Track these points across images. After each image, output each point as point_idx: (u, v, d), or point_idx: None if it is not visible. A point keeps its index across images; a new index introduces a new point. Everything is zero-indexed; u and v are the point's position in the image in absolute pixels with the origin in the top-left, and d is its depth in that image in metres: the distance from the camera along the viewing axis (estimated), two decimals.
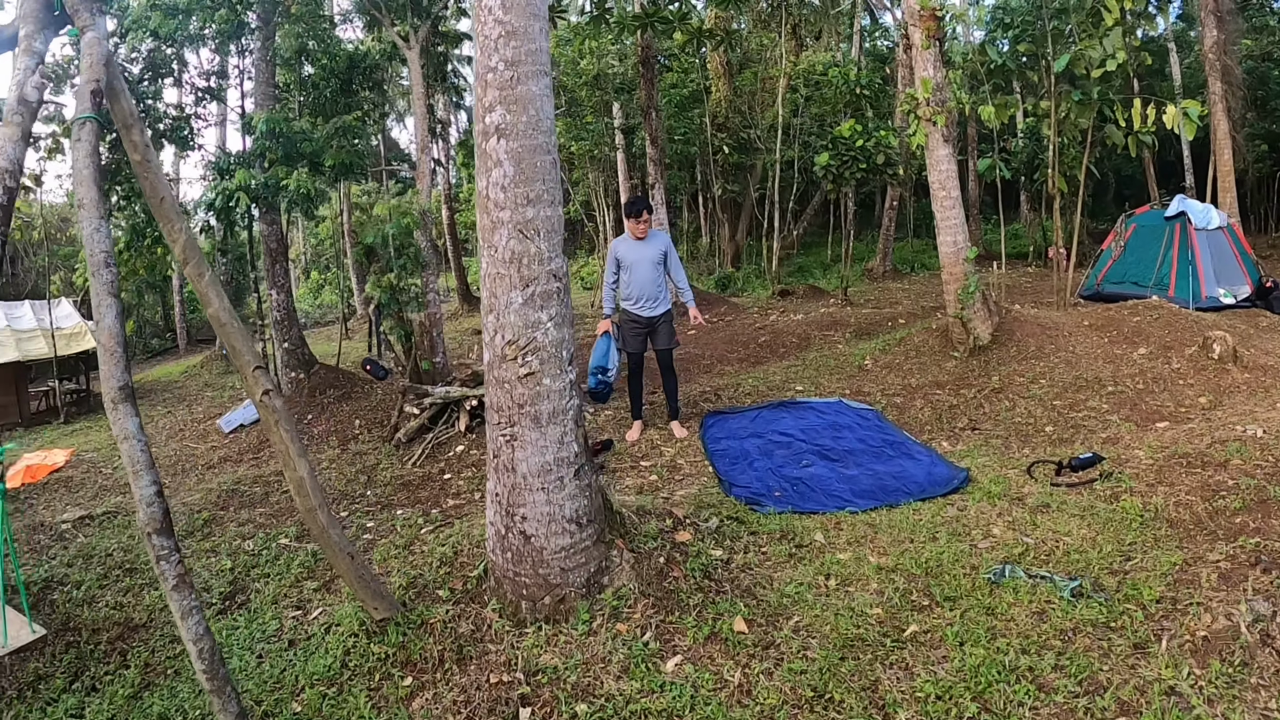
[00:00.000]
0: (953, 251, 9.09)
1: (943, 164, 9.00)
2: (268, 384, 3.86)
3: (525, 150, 3.97)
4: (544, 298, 4.02)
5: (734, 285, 20.96)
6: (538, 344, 4.01)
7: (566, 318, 4.16)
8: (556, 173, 4.15)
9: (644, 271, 7.45)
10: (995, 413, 7.53)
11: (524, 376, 4.02)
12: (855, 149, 13.86)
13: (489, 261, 4.07)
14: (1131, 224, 13.51)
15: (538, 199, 4.00)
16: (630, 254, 7.47)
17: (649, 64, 15.15)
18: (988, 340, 9.02)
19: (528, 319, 4.00)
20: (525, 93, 3.98)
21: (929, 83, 8.87)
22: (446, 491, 7.02)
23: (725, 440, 7.11)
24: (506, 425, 4.11)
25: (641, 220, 7.44)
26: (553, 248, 4.06)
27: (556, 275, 4.08)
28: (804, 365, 9.91)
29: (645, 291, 7.49)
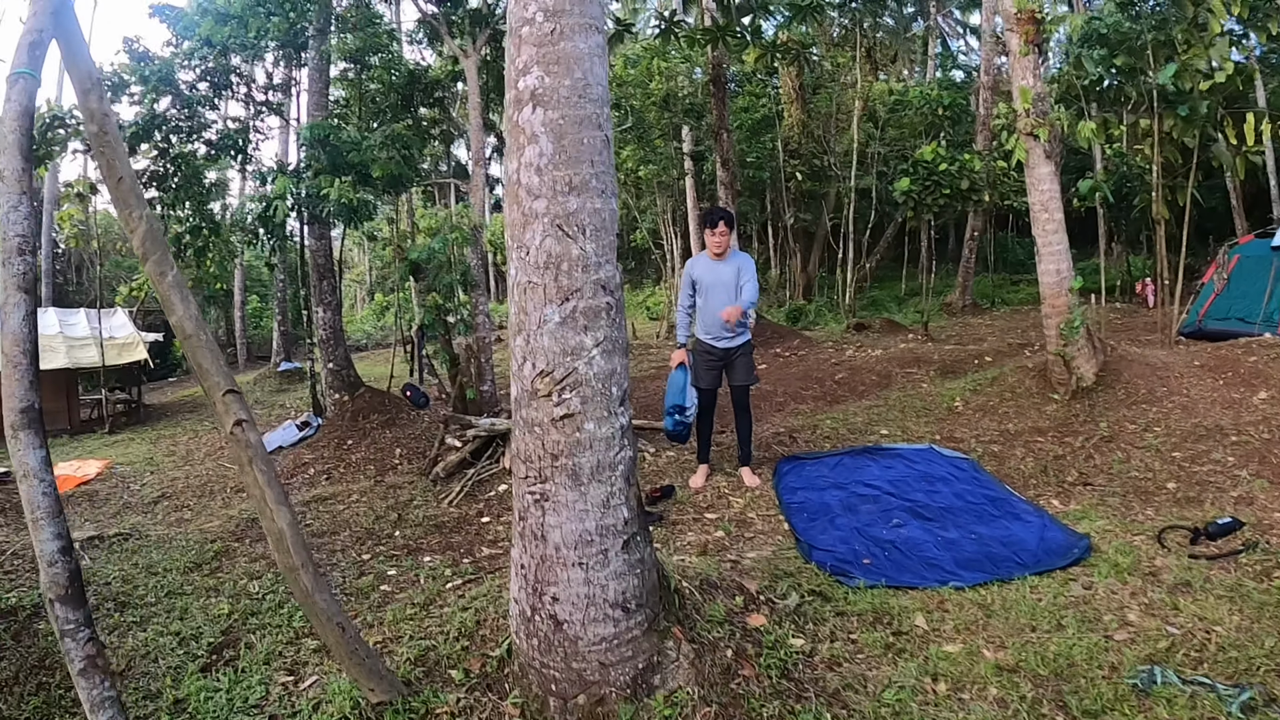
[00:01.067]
0: (1055, 281, 8.20)
1: (1045, 183, 8.14)
2: (240, 413, 3.16)
3: (569, 122, 3.22)
4: (589, 316, 3.24)
5: (806, 318, 20.12)
6: (579, 376, 3.23)
7: (619, 343, 3.37)
8: (610, 155, 3.38)
9: (721, 296, 6.59)
10: (1108, 465, 6.63)
11: (560, 419, 3.24)
12: (938, 174, 13.02)
13: (518, 267, 3.32)
14: (1235, 255, 12.45)
15: (583, 186, 3.23)
16: (707, 275, 6.65)
17: (720, 83, 14.51)
18: (1092, 381, 8.12)
19: (566, 343, 3.22)
20: (570, 50, 3.23)
21: (1028, 92, 8.03)
22: (483, 538, 6.32)
23: (802, 491, 6.32)
24: (536, 481, 3.33)
25: (718, 231, 6.54)
26: (601, 250, 3.28)
27: (606, 287, 3.29)
28: (886, 406, 9.06)
29: (722, 321, 6.67)
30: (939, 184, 13.01)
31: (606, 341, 3.29)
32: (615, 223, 3.35)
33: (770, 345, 14.52)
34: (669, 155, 19.32)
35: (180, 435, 13.68)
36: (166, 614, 4.97)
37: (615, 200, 3.37)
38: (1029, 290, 23.12)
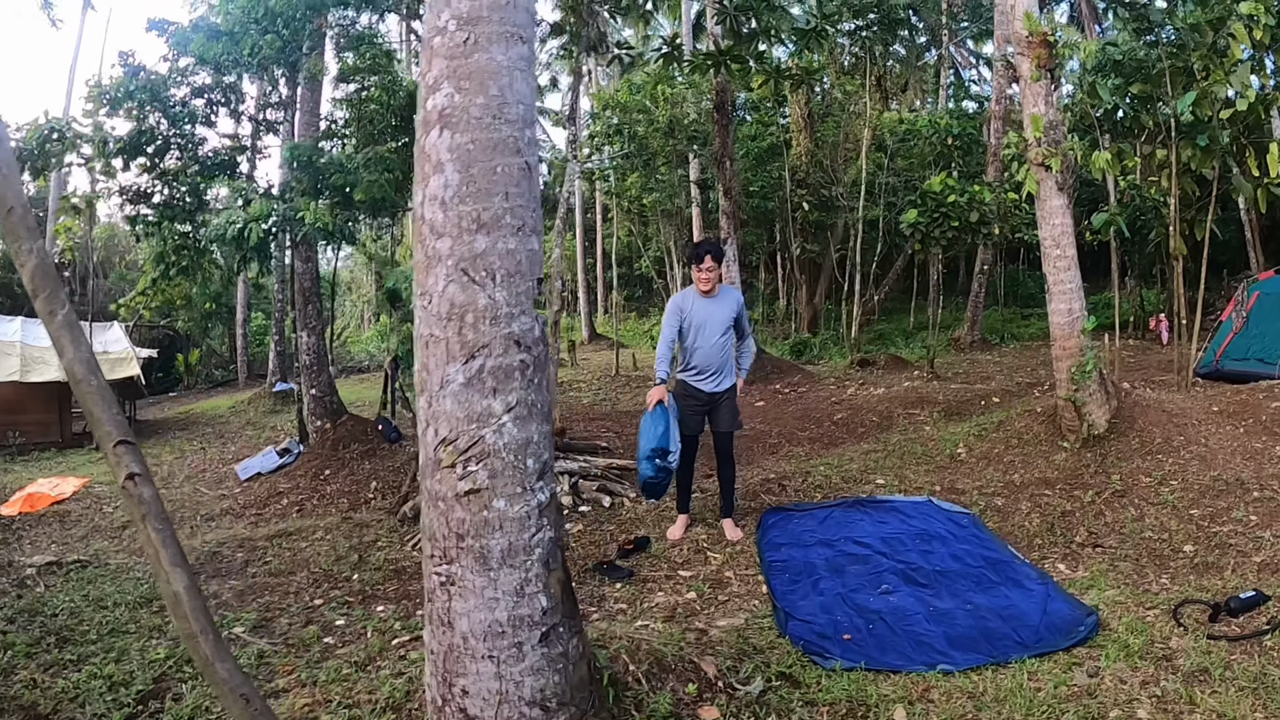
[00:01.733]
0: (1066, 321, 7.71)
1: (1056, 216, 7.66)
2: (133, 466, 2.70)
3: (479, 148, 2.80)
4: (498, 376, 2.81)
5: (810, 351, 19.65)
6: (487, 446, 2.79)
7: (538, 408, 2.93)
8: (531, 187, 2.95)
9: (710, 336, 6.13)
10: (1119, 524, 6.12)
11: (465, 494, 2.80)
12: (946, 205, 12.57)
13: (421, 318, 2.89)
14: (1254, 292, 11.93)
15: (494, 222, 2.81)
16: (696, 313, 6.16)
17: (724, 109, 14.12)
18: (1104, 429, 7.60)
19: (472, 408, 2.79)
20: (485, 63, 2.81)
21: (1040, 120, 7.57)
22: None
23: (787, 548, 5.81)
24: (442, 561, 2.89)
25: (704, 267, 6.04)
26: (515, 299, 2.84)
27: (521, 342, 2.85)
28: (885, 450, 8.55)
29: (710, 361, 6.19)
30: (948, 216, 12.55)
31: (521, 406, 2.84)
32: (538, 266, 2.90)
33: (770, 381, 14.04)
34: (673, 183, 18.93)
35: (166, 454, 13.37)
36: (104, 654, 4.62)
37: (538, 239, 2.93)
38: (1039, 325, 22.53)
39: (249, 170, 12.06)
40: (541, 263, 2.92)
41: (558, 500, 3.12)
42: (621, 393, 15.80)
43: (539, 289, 2.89)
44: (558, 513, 3.05)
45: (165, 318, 26.19)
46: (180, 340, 28.51)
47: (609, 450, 9.43)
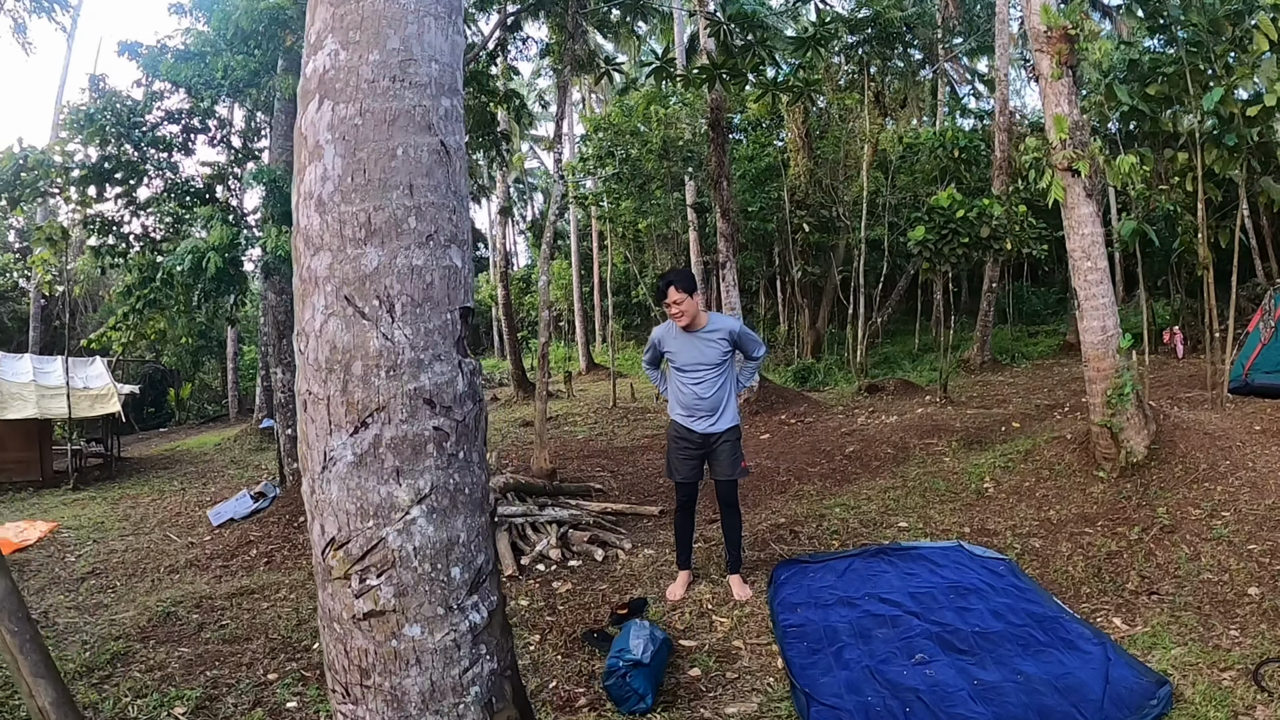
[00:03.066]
0: (1101, 340, 7.03)
1: (1086, 225, 7.00)
2: None
3: (371, 123, 2.10)
4: (403, 452, 2.08)
5: (814, 378, 18.94)
6: (390, 553, 2.06)
7: (465, 495, 2.21)
8: (451, 177, 2.24)
9: (695, 374, 5.47)
10: (1173, 565, 5.43)
11: (364, 617, 2.07)
12: (955, 221, 11.92)
13: (298, 368, 2.21)
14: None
15: (392, 228, 2.10)
16: (677, 349, 5.51)
17: (719, 127, 13.51)
18: (1143, 455, 6.94)
19: (366, 498, 2.06)
20: (382, 8, 2.09)
21: (1064, 120, 6.94)
22: None
23: (804, 609, 5.11)
24: (345, 700, 2.15)
25: (669, 301, 5.34)
26: (426, 340, 2.13)
27: (437, 402, 2.14)
28: (905, 487, 7.84)
29: (699, 401, 5.48)
30: (956, 232, 11.90)
31: (438, 494, 2.11)
32: (461, 290, 2.19)
33: (775, 411, 13.34)
34: (668, 207, 18.32)
35: (144, 495, 12.73)
36: None
37: (462, 253, 2.22)
38: (1049, 343, 22.00)
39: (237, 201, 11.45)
40: (468, 286, 2.20)
41: (503, 616, 2.38)
42: (619, 426, 15.09)
43: (464, 324, 2.17)
44: (504, 633, 2.32)
45: (153, 352, 25.64)
46: (170, 375, 27.93)
47: (603, 492, 8.74)
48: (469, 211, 2.30)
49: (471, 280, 2.23)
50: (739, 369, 5.75)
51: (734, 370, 5.62)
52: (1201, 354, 16.67)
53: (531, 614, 5.58)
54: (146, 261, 11.11)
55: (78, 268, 19.60)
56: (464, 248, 2.25)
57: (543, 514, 7.05)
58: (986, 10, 25.39)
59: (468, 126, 13.13)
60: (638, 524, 7.71)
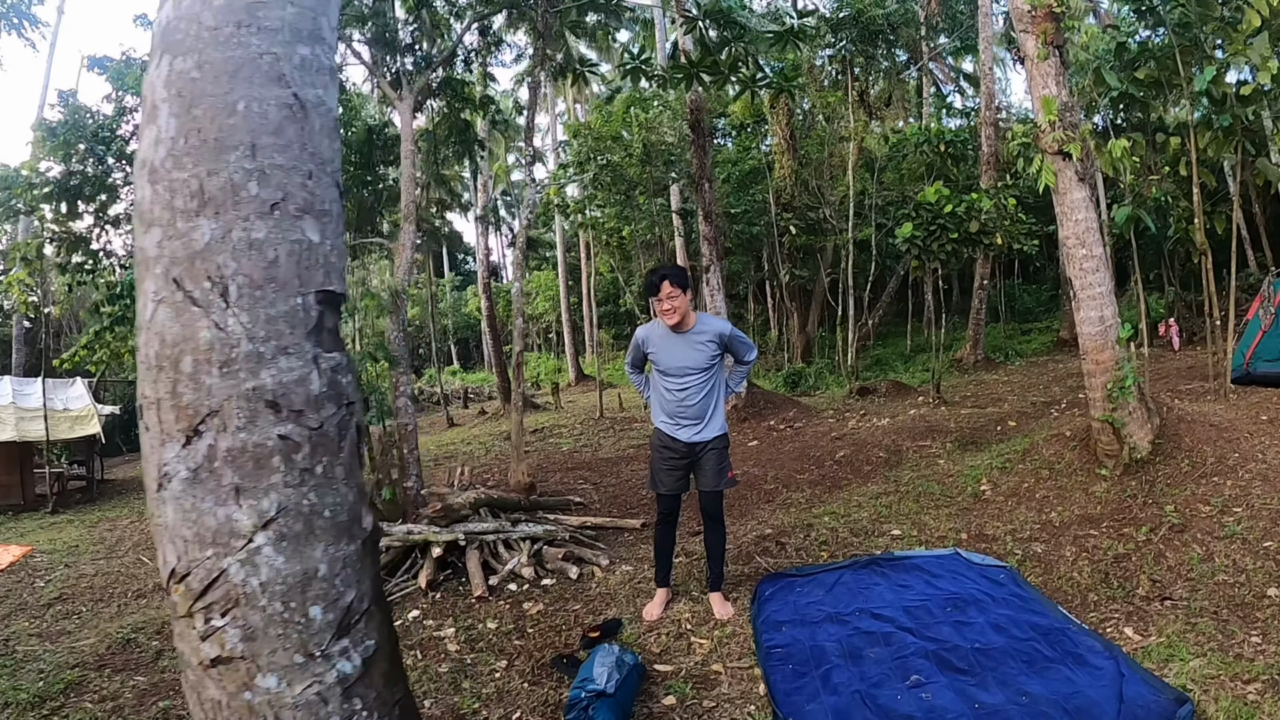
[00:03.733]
0: (1099, 331, 6.65)
1: (1080, 211, 6.63)
2: None
3: (210, 75, 1.76)
4: (242, 466, 1.71)
5: (805, 382, 18.58)
6: (233, 588, 1.69)
7: (326, 519, 1.84)
8: (308, 139, 1.90)
9: (681, 378, 5.07)
10: (1185, 566, 5.07)
11: (213, 664, 1.70)
12: (943, 216, 11.58)
13: (141, 365, 1.81)
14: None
15: (228, 196, 1.75)
16: (662, 351, 5.11)
17: (699, 128, 13.16)
18: (1147, 451, 6.57)
19: (203, 521, 1.70)
20: None
21: (1052, 102, 6.57)
22: None
23: (789, 627, 4.71)
24: None
25: (663, 295, 4.92)
26: (269, 329, 1.77)
27: (283, 405, 1.77)
28: (898, 492, 7.46)
29: (685, 407, 5.09)
30: (945, 228, 11.56)
31: (289, 516, 1.72)
32: (319, 269, 1.82)
33: (764, 417, 12.96)
34: (652, 213, 17.96)
35: (123, 518, 12.35)
36: None
37: (321, 227, 1.86)
38: (1042, 339, 21.73)
39: None
40: (331, 266, 1.82)
41: (389, 663, 1.97)
42: (604, 437, 14.71)
43: (329, 312, 1.79)
44: (390, 683, 1.92)
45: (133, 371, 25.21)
46: None
47: (583, 505, 8.35)
48: (336, 178, 1.93)
49: (337, 260, 1.85)
50: (728, 373, 5.38)
51: (722, 375, 5.25)
52: (1198, 346, 16.45)
53: (499, 638, 5.21)
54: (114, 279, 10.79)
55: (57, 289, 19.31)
56: (325, 220, 1.89)
57: (516, 530, 6.67)
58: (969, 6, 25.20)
59: (442, 134, 12.76)
60: (618, 538, 7.33)
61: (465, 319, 43.15)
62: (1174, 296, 18.45)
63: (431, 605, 5.94)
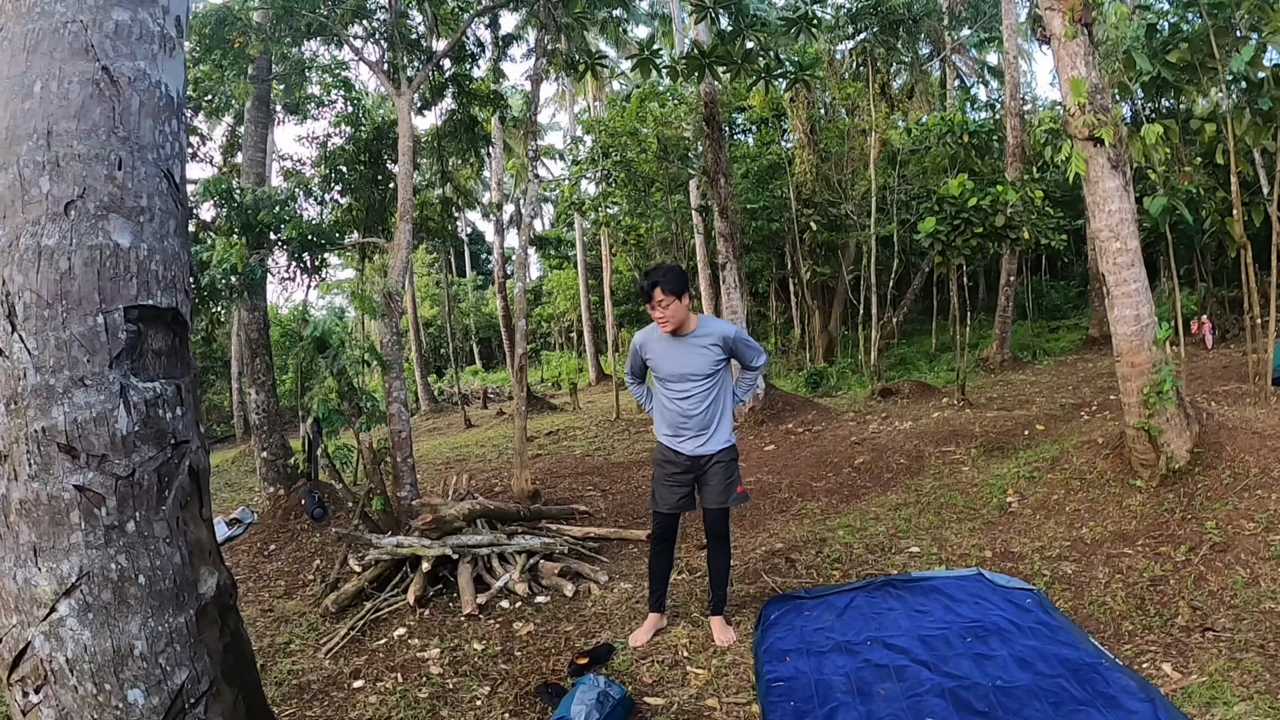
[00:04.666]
0: (1134, 331, 6.21)
1: (1113, 201, 6.18)
2: None
3: (7, 52, 1.46)
4: (39, 521, 1.38)
5: (827, 383, 18.12)
6: (40, 664, 1.36)
7: (143, 589, 1.51)
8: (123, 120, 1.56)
9: (681, 386, 4.68)
10: (1228, 592, 4.64)
11: None
12: (967, 210, 11.11)
13: None
14: None
15: (11, 198, 1.44)
16: (660, 357, 4.75)
17: (714, 121, 12.78)
18: (1186, 460, 6.13)
19: (5, 585, 1.39)
20: None
21: (1081, 84, 6.13)
22: (344, 715, 4.47)
23: (794, 657, 4.32)
24: None
25: (655, 303, 4.53)
26: (63, 356, 1.41)
27: (78, 447, 1.40)
28: (918, 504, 7.03)
29: (685, 418, 4.70)
30: (970, 222, 11.09)
31: (91, 585, 1.39)
32: (133, 281, 1.47)
33: (782, 420, 12.54)
34: (669, 210, 17.57)
35: None
36: None
37: (134, 226, 1.50)
38: (1070, 337, 21.16)
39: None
40: (152, 274, 1.47)
41: None
42: (619, 440, 14.32)
43: (150, 331, 1.43)
44: None
45: None
46: None
47: (589, 515, 7.96)
48: (167, 166, 1.57)
49: (165, 267, 1.50)
50: (735, 380, 4.97)
51: (729, 381, 4.84)
52: (1231, 344, 15.89)
53: (485, 661, 4.86)
54: None
55: None
56: (142, 220, 1.55)
57: (512, 544, 6.31)
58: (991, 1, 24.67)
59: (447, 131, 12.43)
60: (622, 550, 6.96)
61: (487, 319, 42.93)
62: (1205, 292, 17.86)
63: (419, 622, 5.62)
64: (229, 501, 12.56)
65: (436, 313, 38.20)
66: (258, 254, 8.15)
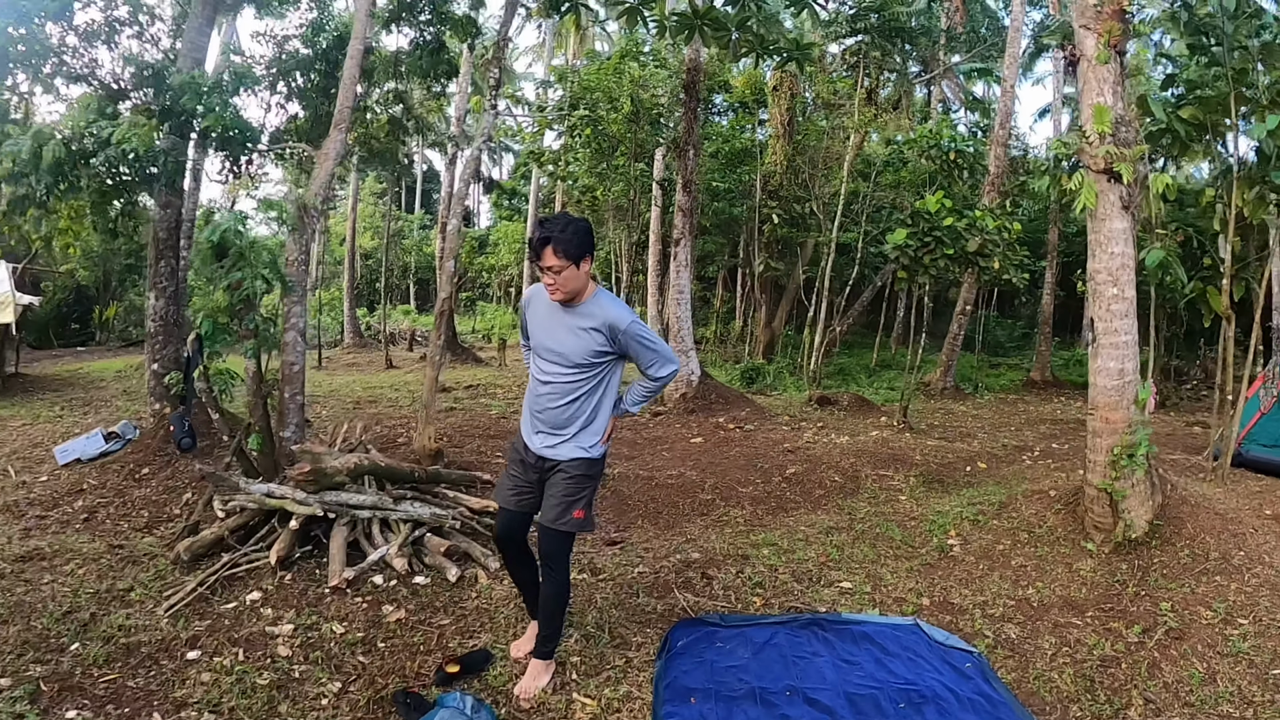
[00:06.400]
0: (1115, 385, 5.67)
1: (1117, 243, 5.60)
2: None
3: None
4: None
5: (762, 380, 17.59)
6: None
7: None
8: None
9: (550, 366, 3.80)
10: (1184, 686, 4.16)
11: None
12: (941, 229, 10.56)
13: None
14: None
15: None
16: (540, 325, 3.87)
17: (694, 90, 12.07)
18: (1144, 530, 5.66)
19: None
20: None
21: (1107, 112, 5.55)
22: (170, 689, 3.77)
23: (701, 698, 3.63)
24: None
25: (544, 266, 3.59)
26: None
27: None
28: (852, 530, 6.40)
29: (544, 404, 3.81)
30: (941, 241, 10.54)
31: None
32: None
33: (713, 412, 11.91)
34: (630, 177, 16.79)
35: (15, 419, 11.10)
36: None
37: None
38: (1012, 376, 21.07)
39: None
40: None
41: None
42: None
43: None
44: None
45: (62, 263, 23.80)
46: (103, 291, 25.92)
47: (491, 485, 7.17)
48: None
49: None
50: (626, 389, 4.00)
51: (613, 383, 3.88)
52: (1170, 411, 15.73)
53: (342, 649, 4.14)
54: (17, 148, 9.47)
55: None
56: None
57: (398, 509, 5.55)
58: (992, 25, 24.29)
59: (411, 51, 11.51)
60: None
61: (427, 259, 41.68)
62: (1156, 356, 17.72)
63: (278, 588, 4.88)
64: (121, 412, 11.67)
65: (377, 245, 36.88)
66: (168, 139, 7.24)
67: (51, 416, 11.47)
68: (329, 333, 28.25)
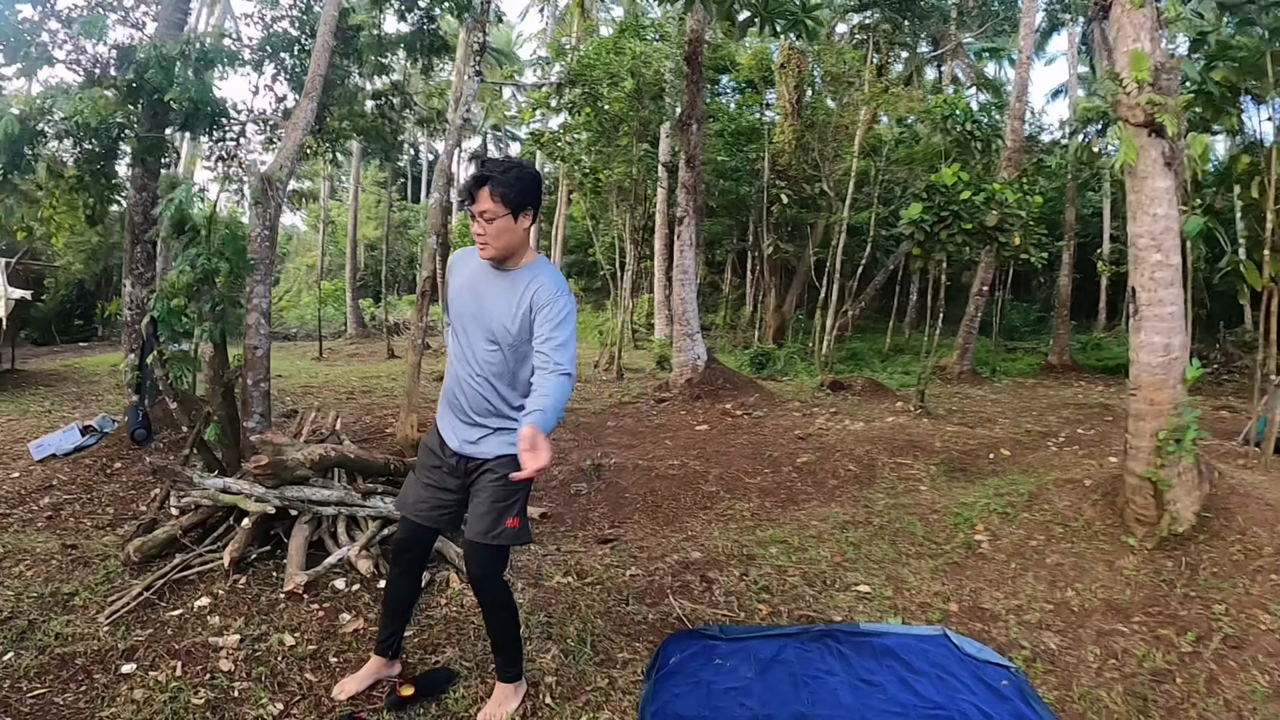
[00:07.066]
0: (1161, 362, 5.10)
1: (1160, 204, 5.03)
2: None
3: None
4: None
5: (773, 365, 17.06)
6: None
7: None
8: None
9: (472, 339, 3.16)
10: (1247, 703, 3.66)
11: None
12: (958, 203, 9.97)
13: None
14: None
15: None
16: (462, 286, 3.23)
17: (695, 62, 11.55)
18: (1190, 523, 5.10)
19: None
20: None
21: (1144, 59, 4.97)
22: (98, 710, 3.32)
23: None
24: None
25: (477, 210, 2.98)
26: None
27: None
28: (869, 525, 5.85)
29: (465, 388, 3.18)
30: (959, 215, 9.95)
31: None
32: None
33: (720, 398, 11.36)
34: (633, 159, 16.23)
35: (3, 415, 10.82)
36: None
37: None
38: (1028, 360, 20.47)
39: None
40: None
41: None
42: None
43: None
44: None
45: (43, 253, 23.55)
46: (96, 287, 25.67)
47: None
48: None
49: None
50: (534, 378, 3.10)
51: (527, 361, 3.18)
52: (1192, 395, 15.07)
53: (290, 663, 3.64)
54: None
55: None
56: None
57: (366, 504, 5.04)
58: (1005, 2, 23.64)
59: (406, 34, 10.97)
60: None
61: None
62: None
63: (230, 593, 4.39)
64: (112, 406, 11.37)
65: (381, 235, 36.43)
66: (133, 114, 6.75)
67: (40, 411, 11.24)
68: (333, 324, 27.90)
